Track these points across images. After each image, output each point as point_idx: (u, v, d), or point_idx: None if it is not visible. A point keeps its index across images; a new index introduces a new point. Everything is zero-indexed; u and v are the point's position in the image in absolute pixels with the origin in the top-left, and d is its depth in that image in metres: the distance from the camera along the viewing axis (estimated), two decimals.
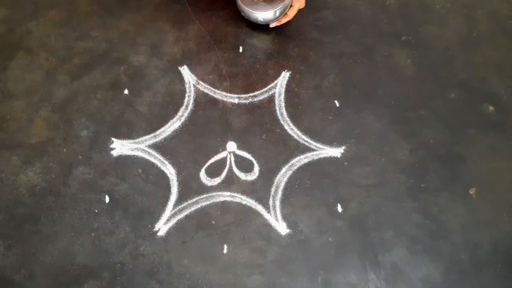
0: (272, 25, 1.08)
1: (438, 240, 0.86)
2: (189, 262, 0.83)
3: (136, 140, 0.95)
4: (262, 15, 1.04)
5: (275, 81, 1.03)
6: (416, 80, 1.04)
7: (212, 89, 1.02)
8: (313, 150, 0.95)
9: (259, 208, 0.89)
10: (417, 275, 0.83)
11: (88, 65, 1.05)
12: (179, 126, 0.97)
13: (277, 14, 1.04)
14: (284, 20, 1.07)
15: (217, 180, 0.91)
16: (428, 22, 1.13)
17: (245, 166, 0.93)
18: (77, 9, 1.13)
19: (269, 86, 1.03)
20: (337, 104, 1.01)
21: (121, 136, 0.96)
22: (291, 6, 1.05)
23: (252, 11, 1.04)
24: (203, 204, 0.89)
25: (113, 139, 0.95)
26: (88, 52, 1.06)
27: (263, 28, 1.10)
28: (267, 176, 0.92)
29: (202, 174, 0.92)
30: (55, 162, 0.92)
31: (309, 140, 0.96)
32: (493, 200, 0.90)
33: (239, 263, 0.83)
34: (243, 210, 0.88)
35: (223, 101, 1.00)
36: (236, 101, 1.00)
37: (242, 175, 0.92)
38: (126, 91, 1.01)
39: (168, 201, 0.89)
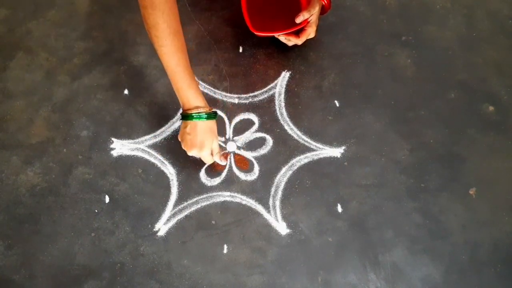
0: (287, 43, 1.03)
1: (438, 240, 0.86)
2: (189, 262, 0.83)
3: (136, 140, 0.95)
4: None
5: (275, 81, 1.03)
6: (416, 80, 1.04)
7: (212, 89, 1.02)
8: (313, 150, 0.95)
9: (259, 208, 0.89)
10: (417, 275, 0.83)
11: (88, 65, 1.05)
12: (179, 126, 0.97)
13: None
14: (292, 42, 1.01)
15: (217, 180, 0.91)
16: (428, 22, 1.13)
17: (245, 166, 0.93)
18: (77, 9, 1.13)
19: (269, 86, 1.03)
20: (337, 104, 1.01)
21: (121, 136, 0.96)
22: (304, 30, 0.99)
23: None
24: (203, 204, 0.89)
25: (113, 139, 0.95)
26: (88, 52, 1.06)
27: None
28: (267, 176, 0.92)
29: (202, 174, 0.92)
30: (55, 162, 0.92)
31: (309, 140, 0.96)
32: (493, 200, 0.90)
33: (239, 263, 0.83)
34: (243, 210, 0.88)
35: (223, 101, 1.00)
36: (236, 101, 1.00)
37: (242, 175, 0.92)
38: (126, 91, 1.01)
39: (168, 201, 0.89)
